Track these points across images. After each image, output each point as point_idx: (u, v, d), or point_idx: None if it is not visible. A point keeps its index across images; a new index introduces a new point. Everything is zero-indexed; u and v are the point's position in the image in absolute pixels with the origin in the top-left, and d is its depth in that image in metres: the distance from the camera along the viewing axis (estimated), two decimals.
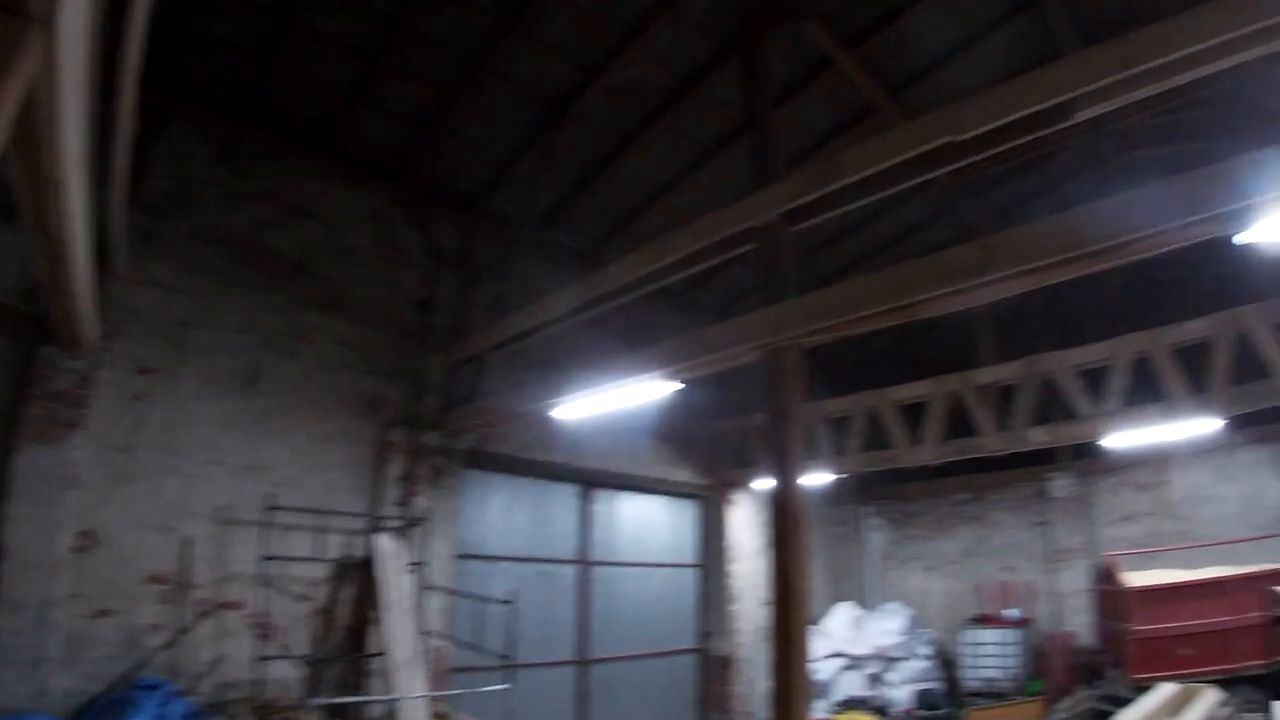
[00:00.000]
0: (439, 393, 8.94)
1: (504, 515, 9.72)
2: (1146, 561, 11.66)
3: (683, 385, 6.26)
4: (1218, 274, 11.64)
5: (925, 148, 4.50)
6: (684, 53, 8.27)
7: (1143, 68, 3.99)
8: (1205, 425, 8.27)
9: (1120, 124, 9.13)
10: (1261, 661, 9.67)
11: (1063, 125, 4.36)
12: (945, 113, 4.49)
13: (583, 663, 10.08)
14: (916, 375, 10.12)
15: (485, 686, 6.70)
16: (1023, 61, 7.58)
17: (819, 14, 7.91)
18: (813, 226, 5.51)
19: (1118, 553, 11.63)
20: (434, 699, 7.27)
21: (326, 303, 8.28)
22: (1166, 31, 4.04)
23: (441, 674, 8.17)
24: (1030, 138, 4.39)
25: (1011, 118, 4.26)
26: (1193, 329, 8.25)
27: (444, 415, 8.75)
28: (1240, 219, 3.54)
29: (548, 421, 8.63)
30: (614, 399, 6.82)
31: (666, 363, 5.89)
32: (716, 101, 8.69)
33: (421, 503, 8.44)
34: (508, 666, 6.63)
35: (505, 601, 6.80)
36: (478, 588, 8.42)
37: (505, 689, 6.47)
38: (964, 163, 4.56)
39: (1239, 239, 3.73)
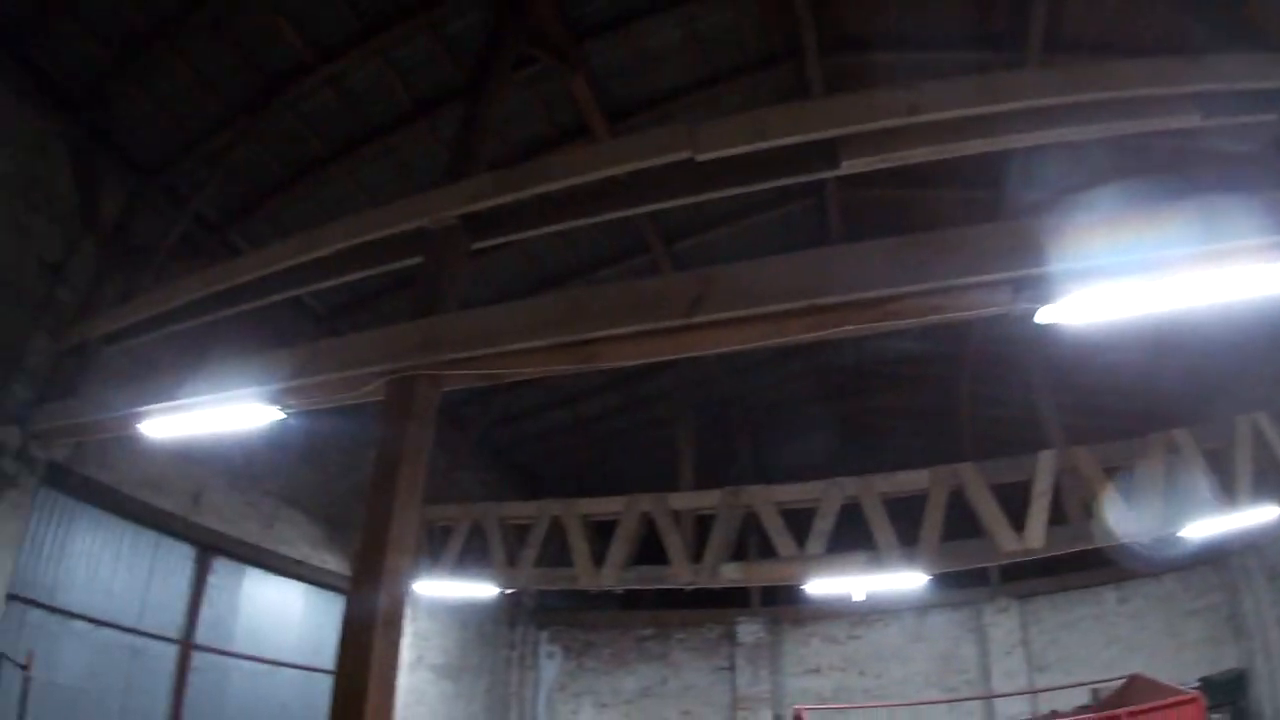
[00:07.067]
0: (35, 381, 6.48)
1: (89, 562, 7.13)
2: (835, 717, 11.17)
3: (286, 414, 4.51)
4: (938, 428, 11.99)
5: (656, 161, 3.32)
6: (429, 70, 7.02)
7: (928, 118, 3.15)
8: (911, 580, 7.87)
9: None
10: None
11: (826, 174, 3.43)
12: (684, 129, 3.37)
13: None
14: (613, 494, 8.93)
15: None
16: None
17: (587, 73, 6.97)
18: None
19: (806, 706, 11.01)
20: None
21: None
22: (956, 87, 3.27)
23: None
24: (790, 180, 3.39)
25: (770, 144, 3.22)
26: (909, 480, 7.94)
27: (33, 410, 6.26)
28: (1033, 290, 2.63)
29: (165, 458, 6.87)
30: (210, 420, 5.06)
31: (264, 379, 4.14)
32: (450, 138, 7.33)
33: None
34: None
35: (21, 666, 5.03)
36: (39, 646, 6.06)
37: None
38: (701, 197, 3.43)
39: (1037, 316, 2.86)
